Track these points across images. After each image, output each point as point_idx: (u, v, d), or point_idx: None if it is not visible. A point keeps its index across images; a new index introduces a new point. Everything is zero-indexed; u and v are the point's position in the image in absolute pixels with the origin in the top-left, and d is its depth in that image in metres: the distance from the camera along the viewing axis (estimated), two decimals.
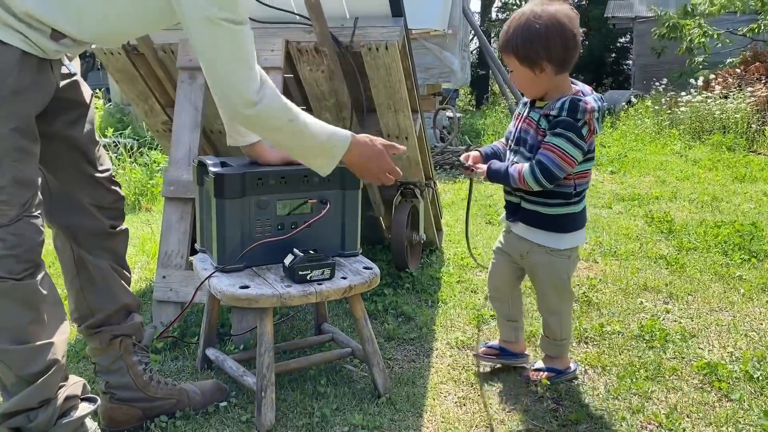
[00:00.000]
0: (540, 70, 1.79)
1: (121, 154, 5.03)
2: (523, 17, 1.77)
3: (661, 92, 10.52)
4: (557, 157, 1.77)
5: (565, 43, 1.76)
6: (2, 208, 1.40)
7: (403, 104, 2.63)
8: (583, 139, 1.78)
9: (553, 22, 1.73)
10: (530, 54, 1.77)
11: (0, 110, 1.36)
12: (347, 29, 2.46)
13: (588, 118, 1.78)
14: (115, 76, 2.80)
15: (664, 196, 5.07)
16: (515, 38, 1.78)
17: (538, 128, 1.85)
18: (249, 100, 1.54)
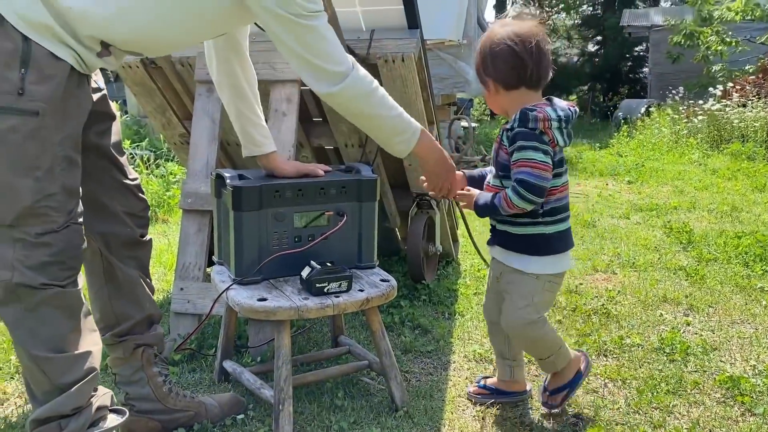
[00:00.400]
0: (488, 88, 1.83)
1: (138, 166, 5.07)
2: (488, 37, 1.80)
3: (677, 101, 10.44)
4: (531, 169, 1.71)
5: (509, 62, 1.75)
6: (52, 214, 1.44)
7: (419, 116, 2.63)
8: (547, 144, 1.72)
9: (500, 43, 1.75)
10: (480, 72, 1.83)
11: (51, 121, 1.41)
12: (363, 41, 2.47)
13: (543, 126, 1.71)
14: (133, 89, 2.82)
15: (683, 206, 5.01)
16: (481, 57, 1.82)
17: (501, 145, 1.82)
18: (341, 73, 1.64)
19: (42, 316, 1.45)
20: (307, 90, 2.81)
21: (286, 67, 2.46)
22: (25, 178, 1.40)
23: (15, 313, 1.45)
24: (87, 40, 1.45)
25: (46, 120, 1.40)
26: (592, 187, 6.13)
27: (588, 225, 4.42)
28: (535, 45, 1.74)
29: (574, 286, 3.14)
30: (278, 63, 2.46)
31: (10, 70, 1.36)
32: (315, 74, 1.64)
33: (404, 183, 3.08)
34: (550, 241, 1.81)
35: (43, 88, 1.39)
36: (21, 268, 1.41)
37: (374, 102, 1.72)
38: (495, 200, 1.79)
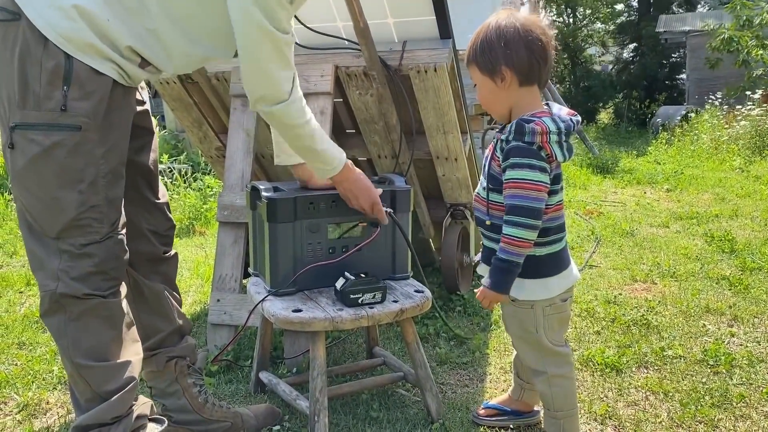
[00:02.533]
0: (501, 79, 1.58)
1: (176, 180, 5.16)
2: (488, 24, 1.60)
3: (717, 106, 10.22)
4: (524, 191, 1.54)
5: (530, 48, 1.55)
6: (96, 225, 1.48)
7: (452, 125, 2.62)
8: (545, 161, 1.55)
9: (516, 27, 1.55)
10: (490, 59, 1.57)
11: (94, 135, 1.44)
12: (396, 53, 2.48)
13: (541, 140, 1.53)
14: (171, 104, 2.88)
15: (724, 214, 4.89)
16: (476, 46, 1.61)
17: (494, 155, 1.65)
18: (281, 96, 1.61)
19: (85, 326, 1.48)
20: (339, 102, 2.84)
21: (320, 80, 2.48)
22: (69, 191, 1.43)
23: (59, 323, 1.49)
24: (126, 52, 1.48)
25: (90, 134, 1.43)
26: (629, 195, 6.02)
27: (626, 234, 4.34)
28: (551, 41, 1.60)
29: (613, 296, 3.08)
30: (312, 76, 2.48)
31: (53, 88, 1.39)
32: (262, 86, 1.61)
33: (438, 194, 3.07)
34: (542, 264, 1.64)
35: (86, 104, 1.42)
36: (65, 278, 1.45)
37: (302, 133, 1.69)
38: (497, 258, 1.59)
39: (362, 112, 2.67)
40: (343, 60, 2.51)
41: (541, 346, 1.70)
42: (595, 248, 3.98)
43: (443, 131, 2.65)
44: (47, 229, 1.46)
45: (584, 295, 3.11)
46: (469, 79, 5.04)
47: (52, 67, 1.39)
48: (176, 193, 4.96)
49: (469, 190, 3.01)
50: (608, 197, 5.92)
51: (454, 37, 2.55)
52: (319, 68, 2.50)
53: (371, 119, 2.69)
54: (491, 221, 1.67)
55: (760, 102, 8.97)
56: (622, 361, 2.33)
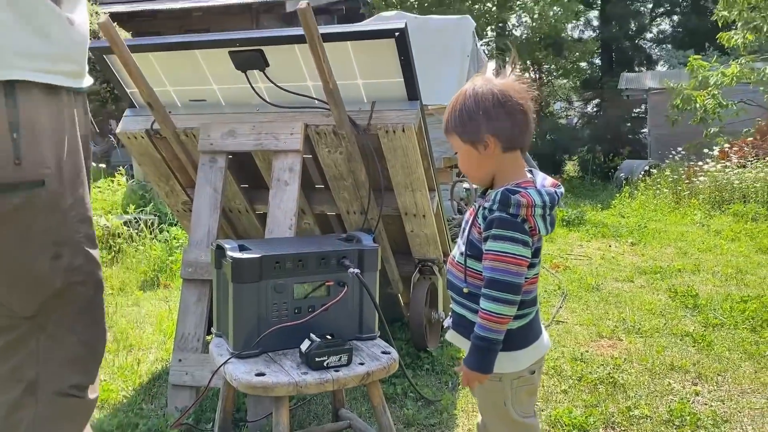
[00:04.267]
0: (484, 147, 1.54)
1: (142, 231, 5.09)
2: (465, 91, 1.57)
3: (677, 161, 10.54)
4: (504, 264, 1.48)
5: (510, 114, 1.52)
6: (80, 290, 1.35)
7: (420, 184, 2.65)
8: (528, 234, 1.49)
9: (494, 94, 1.52)
10: (471, 128, 1.54)
11: (56, 181, 1.24)
12: (365, 112, 2.51)
13: (525, 213, 1.48)
14: (138, 158, 2.86)
15: (687, 269, 4.98)
16: (455, 115, 1.56)
17: (475, 221, 1.58)
18: None
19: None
20: (309, 158, 2.85)
21: (290, 137, 2.50)
22: (45, 259, 1.24)
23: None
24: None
25: (53, 183, 1.21)
26: (595, 248, 6.11)
27: (592, 289, 4.38)
28: (530, 104, 1.57)
29: (580, 353, 3.09)
30: (281, 134, 2.50)
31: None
32: None
33: (406, 249, 3.07)
34: (513, 337, 1.56)
35: (44, 146, 1.18)
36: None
37: None
38: (476, 337, 1.51)
39: (331, 169, 2.68)
40: (312, 118, 2.54)
41: (509, 418, 1.65)
42: (561, 303, 4.01)
43: (411, 189, 2.68)
44: (22, 308, 1.26)
45: (551, 352, 3.11)
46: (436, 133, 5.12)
47: None
48: (141, 245, 4.89)
49: (437, 246, 3.02)
50: (574, 250, 6.00)
51: (421, 95, 2.60)
52: (288, 126, 2.51)
53: (340, 176, 2.71)
54: (469, 289, 1.60)
55: (718, 158, 9.28)
56: (590, 422, 2.32)
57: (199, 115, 2.68)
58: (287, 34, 2.42)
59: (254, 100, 2.64)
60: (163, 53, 2.57)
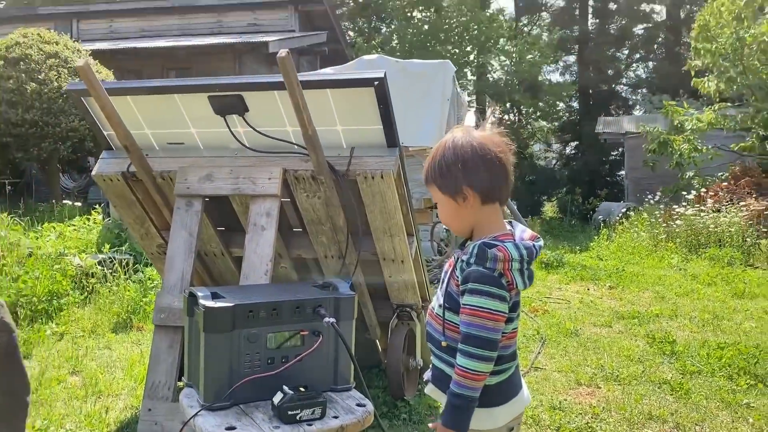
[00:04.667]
0: (463, 198, 1.54)
1: (116, 271, 5.01)
2: (445, 143, 1.57)
3: (654, 205, 10.69)
4: (481, 320, 1.45)
5: (489, 167, 1.53)
6: None
7: (398, 229, 2.64)
8: (505, 289, 1.47)
9: (473, 147, 1.53)
10: (450, 180, 1.54)
11: None
12: (344, 158, 2.52)
13: (503, 267, 1.47)
14: (113, 201, 2.83)
15: (665, 314, 5.00)
16: (434, 166, 1.57)
17: (453, 273, 1.57)
18: None
19: None
20: (287, 201, 2.84)
21: (268, 182, 2.48)
22: None
23: None
24: None
25: None
26: (573, 292, 6.13)
27: (570, 334, 4.37)
28: (509, 157, 1.58)
29: (558, 401, 3.06)
30: (259, 178, 2.49)
31: None
32: None
33: (385, 294, 3.05)
34: (491, 393, 1.53)
35: None
36: None
37: None
38: (452, 394, 1.47)
39: (309, 213, 2.67)
40: (291, 163, 2.53)
41: None
42: (540, 349, 3.98)
43: (390, 234, 2.67)
44: None
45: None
46: (417, 174, 5.10)
47: None
48: (115, 285, 4.80)
49: (415, 291, 3.00)
50: (553, 293, 6.01)
51: (401, 138, 2.61)
52: (267, 171, 2.51)
53: (318, 220, 2.69)
54: (447, 342, 1.57)
55: (694, 202, 9.43)
56: None
57: (177, 158, 2.67)
58: (267, 80, 2.44)
59: (233, 144, 2.63)
60: (142, 96, 2.57)
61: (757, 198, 8.73)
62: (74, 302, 4.59)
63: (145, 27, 13.17)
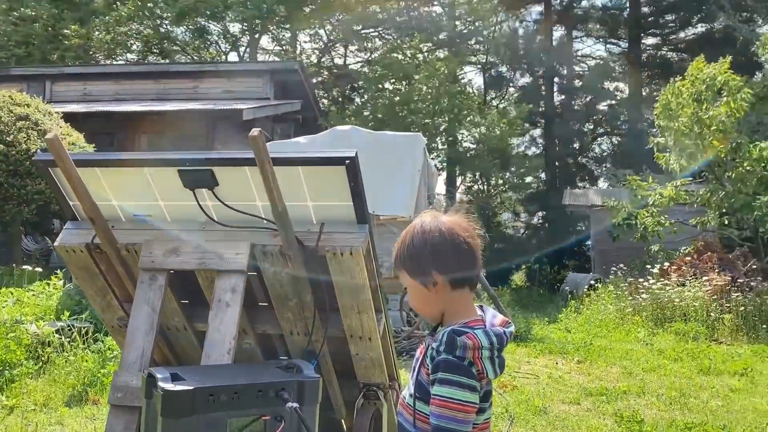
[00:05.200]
0: (433, 284, 1.54)
1: (75, 339, 4.84)
2: (413, 228, 1.58)
3: (620, 277, 10.83)
4: (450, 411, 1.42)
5: (458, 252, 1.53)
6: None
7: (366, 306, 2.61)
8: (475, 378, 1.45)
9: (442, 231, 1.54)
10: (420, 265, 1.54)
11: None
12: (313, 233, 2.51)
13: (472, 356, 1.45)
14: (75, 272, 2.75)
15: (632, 391, 4.98)
16: (403, 251, 1.57)
17: (424, 361, 1.54)
18: None
19: None
20: (254, 275, 2.80)
21: (235, 257, 2.45)
22: None
23: None
24: None
25: None
26: (542, 366, 6.09)
27: (539, 412, 4.31)
28: (477, 241, 1.59)
29: None
30: (226, 253, 2.46)
31: None
32: None
33: (351, 372, 2.98)
34: None
35: None
36: None
37: None
38: None
39: (276, 288, 2.63)
40: (259, 238, 2.51)
41: None
42: (509, 428, 3.92)
43: (358, 311, 2.63)
44: None
45: None
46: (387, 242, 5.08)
47: None
48: (73, 355, 4.62)
49: (382, 370, 2.94)
50: (522, 367, 5.96)
51: (374, 206, 2.62)
52: (234, 246, 2.48)
53: (285, 296, 2.65)
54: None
55: (659, 275, 9.57)
56: None
57: (143, 231, 2.62)
58: (239, 157, 2.44)
59: (201, 217, 2.60)
60: (111, 168, 2.55)
61: (719, 272, 8.91)
62: (27, 373, 4.40)
63: (120, 90, 13.24)
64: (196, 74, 13.47)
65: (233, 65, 17.18)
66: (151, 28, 20.40)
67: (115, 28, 19.80)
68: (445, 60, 18.24)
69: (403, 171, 7.59)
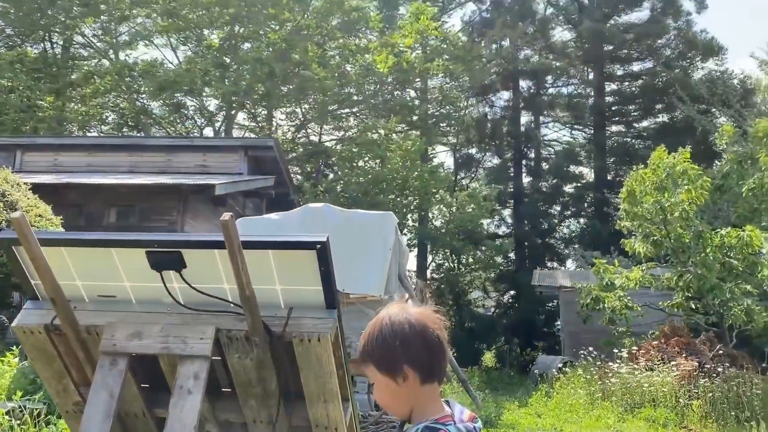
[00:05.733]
0: (403, 378, 1.51)
1: (26, 422, 4.59)
2: (381, 321, 1.55)
3: (590, 361, 10.80)
4: None
5: (429, 345, 1.51)
6: None
7: (333, 395, 2.56)
8: None
9: (411, 323, 1.52)
10: (390, 359, 1.51)
11: None
12: (281, 318, 2.47)
13: None
14: (32, 354, 2.66)
15: None
16: (372, 342, 1.53)
17: None
18: None
19: None
20: (217, 360, 2.72)
21: (199, 342, 2.40)
22: None
23: None
24: None
25: None
26: None
27: None
28: (444, 332, 1.56)
29: None
30: (190, 338, 2.40)
31: None
32: None
33: None
34: None
35: None
36: None
37: None
38: None
39: (240, 375, 2.56)
40: (225, 322, 2.47)
41: None
42: None
43: (324, 400, 2.57)
44: None
45: None
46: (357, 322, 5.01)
47: None
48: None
49: None
50: None
51: (345, 284, 2.60)
52: (199, 330, 2.43)
53: (249, 383, 2.59)
54: None
55: (628, 359, 9.57)
56: None
57: (106, 312, 2.57)
58: (208, 239, 2.43)
59: (166, 299, 2.56)
60: (77, 248, 2.51)
61: (686, 357, 8.94)
62: None
63: (92, 162, 13.19)
64: (171, 149, 13.51)
65: (208, 140, 17.31)
66: (127, 101, 20.60)
67: (91, 101, 19.96)
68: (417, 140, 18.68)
69: (375, 249, 7.60)
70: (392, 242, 7.89)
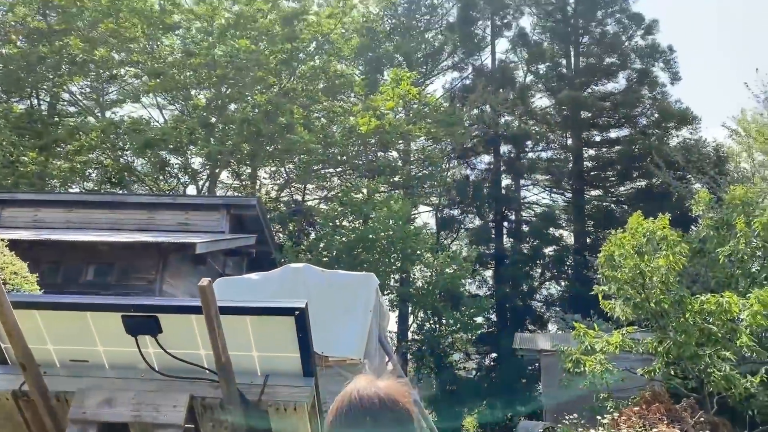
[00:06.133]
0: None
1: None
2: (350, 396, 1.54)
3: (572, 428, 10.63)
4: None
5: (399, 419, 1.50)
6: None
7: None
8: None
9: (382, 397, 1.51)
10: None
11: None
12: (257, 386, 2.44)
13: None
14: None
15: None
16: (341, 419, 1.52)
17: None
18: None
19: None
20: (191, 428, 2.66)
21: (172, 410, 2.35)
22: None
23: None
24: None
25: None
26: None
27: None
28: (413, 408, 1.55)
29: None
30: (163, 406, 2.36)
31: None
32: None
33: None
34: None
35: None
36: None
37: None
38: None
39: None
40: (200, 389, 2.43)
41: None
42: None
43: None
44: None
45: None
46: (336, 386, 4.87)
47: None
48: None
49: None
50: None
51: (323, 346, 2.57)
52: (173, 398, 2.38)
53: None
54: None
55: (610, 426, 9.43)
56: None
57: (77, 378, 2.51)
58: (185, 305, 2.42)
59: (141, 364, 2.52)
60: (51, 312, 2.47)
61: (668, 425, 8.84)
62: None
63: (72, 218, 13.10)
64: (153, 206, 13.49)
65: (191, 198, 17.31)
66: (111, 158, 20.62)
67: (76, 157, 19.96)
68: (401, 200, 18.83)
69: (355, 311, 7.55)
70: (373, 304, 7.84)
